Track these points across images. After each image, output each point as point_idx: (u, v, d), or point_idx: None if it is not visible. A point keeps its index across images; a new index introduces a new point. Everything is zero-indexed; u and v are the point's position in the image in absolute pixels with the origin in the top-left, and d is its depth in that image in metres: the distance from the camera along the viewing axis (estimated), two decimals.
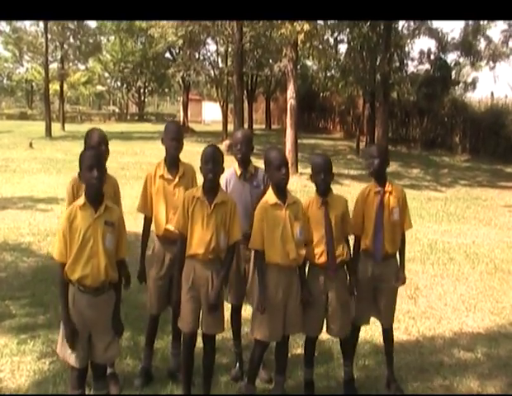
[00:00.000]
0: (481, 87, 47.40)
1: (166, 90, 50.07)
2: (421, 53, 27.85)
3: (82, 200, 3.67)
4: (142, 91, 49.22)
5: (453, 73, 29.77)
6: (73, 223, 3.60)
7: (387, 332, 4.76)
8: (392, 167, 22.35)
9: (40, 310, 6.00)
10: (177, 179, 4.52)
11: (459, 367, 5.19)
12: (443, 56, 28.88)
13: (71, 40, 32.22)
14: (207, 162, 4.04)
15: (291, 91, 16.94)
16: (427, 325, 6.14)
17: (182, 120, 35.98)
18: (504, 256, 9.07)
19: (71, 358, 3.68)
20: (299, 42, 15.65)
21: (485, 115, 26.40)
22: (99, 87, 55.89)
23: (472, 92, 30.22)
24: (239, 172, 4.69)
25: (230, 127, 27.42)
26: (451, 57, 28.85)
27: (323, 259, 4.31)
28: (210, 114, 47.56)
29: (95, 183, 3.60)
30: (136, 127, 38.28)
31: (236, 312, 4.86)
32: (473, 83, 30.93)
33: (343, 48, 26.23)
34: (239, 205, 4.41)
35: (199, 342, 4.32)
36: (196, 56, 28.53)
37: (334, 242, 4.30)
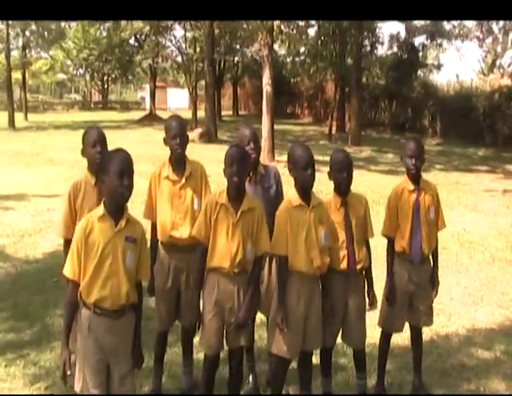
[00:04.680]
0: (447, 71, 48.15)
1: (130, 77, 48.96)
2: (391, 36, 27.77)
3: (100, 210, 3.17)
4: (106, 78, 48.06)
5: (420, 55, 29.97)
6: (90, 238, 3.12)
7: (419, 336, 4.49)
8: (366, 152, 22.19)
9: (26, 324, 5.49)
10: (183, 180, 4.07)
11: (481, 368, 4.94)
12: (410, 39, 28.96)
13: (33, 26, 30.99)
14: (232, 164, 3.58)
15: (266, 78, 16.52)
16: (438, 322, 5.82)
17: (149, 107, 35.18)
18: (499, 245, 8.89)
19: None
20: (275, 27, 15.23)
21: (455, 98, 26.45)
22: (60, 76, 54.40)
23: (437, 74, 30.55)
24: None
25: (199, 113, 26.84)
26: (418, 40, 28.87)
27: (344, 265, 3.95)
28: (176, 101, 46.86)
29: (124, 193, 3.10)
30: (101, 116, 37.28)
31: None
32: (439, 65, 31.24)
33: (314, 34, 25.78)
34: None
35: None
36: (163, 42, 27.79)
37: (354, 247, 3.95)
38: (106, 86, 49.50)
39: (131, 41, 33.44)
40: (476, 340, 5.51)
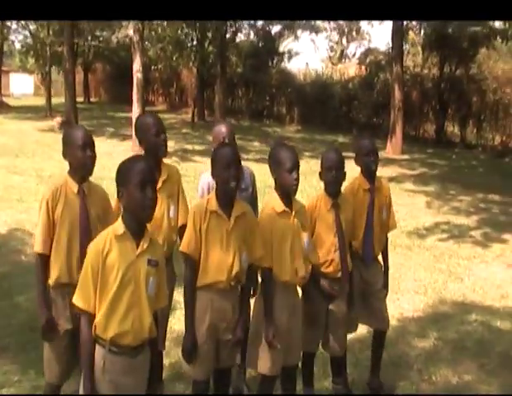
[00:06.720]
0: (301, 59, 50.58)
1: None
2: (249, 24, 28.09)
3: (120, 227, 2.70)
4: None
5: (276, 44, 30.80)
6: (108, 260, 2.65)
7: (381, 337, 4.47)
8: None
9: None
10: (160, 183, 3.64)
11: (425, 356, 5.14)
12: (268, 28, 29.59)
13: None
14: (228, 166, 3.21)
15: (137, 64, 15.82)
16: None
17: None
18: (394, 231, 9.21)
19: None
20: None
21: (312, 86, 27.32)
22: None
23: (289, 62, 31.72)
24: None
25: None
26: (274, 29, 29.68)
27: (331, 269, 3.84)
28: (20, 87, 43.65)
29: (149, 207, 2.67)
30: None
31: None
32: (295, 54, 32.49)
33: None
34: None
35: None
36: (10, 24, 25.61)
37: (346, 251, 3.85)
38: None
39: None
40: (409, 329, 5.72)
